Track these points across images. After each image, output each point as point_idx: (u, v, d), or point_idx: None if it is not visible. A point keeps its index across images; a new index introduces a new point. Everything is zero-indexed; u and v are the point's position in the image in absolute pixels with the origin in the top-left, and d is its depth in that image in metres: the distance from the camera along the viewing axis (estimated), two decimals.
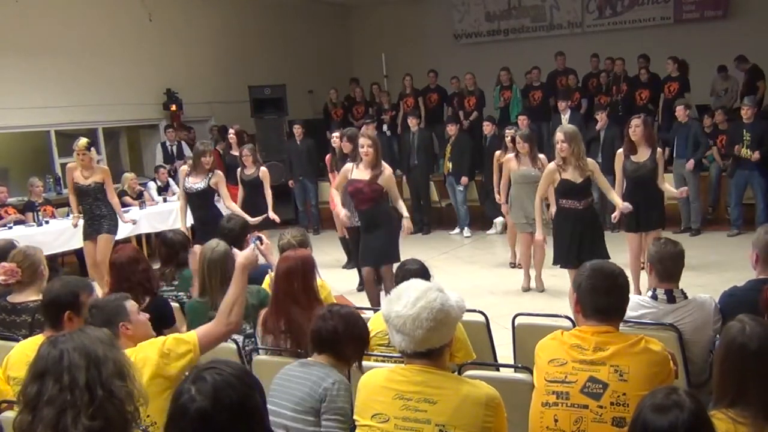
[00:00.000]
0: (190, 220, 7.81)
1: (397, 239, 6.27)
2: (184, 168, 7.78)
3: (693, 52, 11.84)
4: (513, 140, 7.70)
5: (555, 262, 6.43)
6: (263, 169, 8.30)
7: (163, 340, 2.87)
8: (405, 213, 6.35)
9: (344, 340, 2.94)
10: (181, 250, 5.11)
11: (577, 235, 6.11)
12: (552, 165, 6.24)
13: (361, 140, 6.21)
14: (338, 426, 2.78)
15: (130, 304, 3.08)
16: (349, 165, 6.40)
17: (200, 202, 7.42)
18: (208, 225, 6.84)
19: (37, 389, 2.00)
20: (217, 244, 4.19)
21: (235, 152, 9.18)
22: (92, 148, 7.51)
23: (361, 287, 7.45)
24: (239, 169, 8.48)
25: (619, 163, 6.60)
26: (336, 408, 2.78)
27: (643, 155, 6.47)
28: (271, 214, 8.03)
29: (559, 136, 6.09)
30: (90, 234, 7.52)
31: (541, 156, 7.52)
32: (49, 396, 1.97)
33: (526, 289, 7.56)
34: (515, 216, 7.58)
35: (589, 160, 6.25)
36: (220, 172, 7.55)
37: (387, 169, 6.27)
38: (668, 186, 6.71)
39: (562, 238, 6.28)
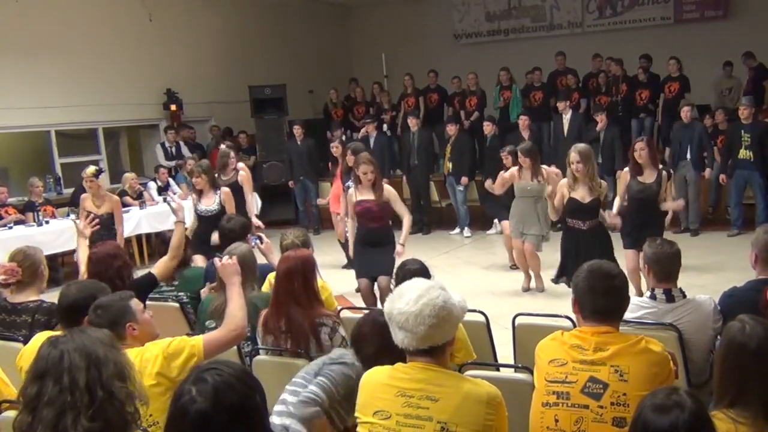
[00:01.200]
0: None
1: (393, 257, 6.32)
2: (193, 196, 7.40)
3: (693, 52, 11.84)
4: (513, 154, 7.60)
5: (557, 280, 6.52)
6: (242, 173, 8.12)
7: (169, 342, 2.88)
8: (405, 231, 6.40)
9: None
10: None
11: (580, 255, 6.05)
12: (564, 180, 6.33)
13: (362, 167, 6.26)
14: (324, 384, 2.92)
15: (135, 303, 3.07)
16: (351, 190, 6.54)
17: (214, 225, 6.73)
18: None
19: (37, 390, 2.00)
20: (236, 246, 4.19)
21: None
22: (100, 176, 7.50)
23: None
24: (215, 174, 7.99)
25: (624, 181, 6.54)
26: (332, 371, 2.97)
27: (649, 177, 6.39)
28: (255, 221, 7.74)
29: (574, 156, 6.11)
30: None
31: (544, 167, 7.43)
32: (49, 397, 1.97)
33: (526, 289, 7.57)
34: (512, 226, 7.56)
35: (603, 182, 6.32)
36: (227, 189, 7.18)
37: (386, 185, 6.46)
38: (669, 202, 6.64)
39: (565, 256, 6.35)
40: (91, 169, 7.44)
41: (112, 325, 2.75)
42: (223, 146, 8.60)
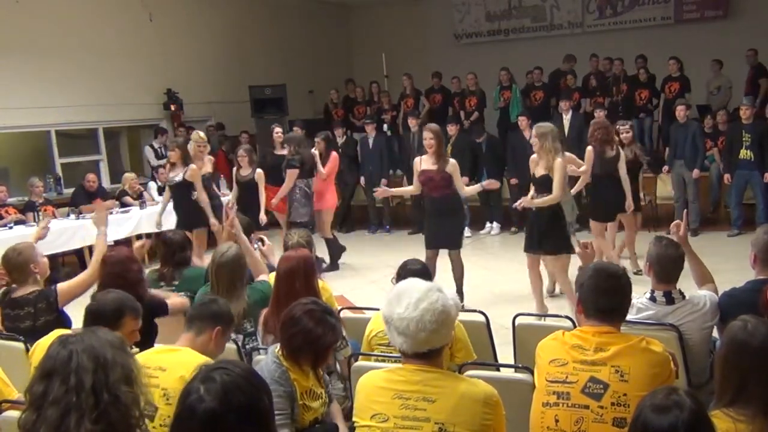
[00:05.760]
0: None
1: (463, 228, 6.84)
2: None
3: (693, 52, 11.84)
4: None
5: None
6: (259, 170, 8.28)
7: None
8: (472, 188, 7.13)
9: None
10: (179, 250, 5.11)
11: (531, 225, 6.45)
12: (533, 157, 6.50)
13: (425, 134, 6.65)
14: None
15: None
16: (417, 159, 6.89)
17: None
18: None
19: (43, 388, 2.00)
20: (228, 248, 4.20)
21: (279, 152, 8.97)
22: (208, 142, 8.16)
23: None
24: (234, 169, 8.48)
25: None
26: None
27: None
28: (262, 216, 8.11)
29: (533, 132, 6.47)
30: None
31: (567, 154, 7.10)
32: (55, 396, 1.97)
33: (551, 291, 7.17)
34: None
35: (557, 161, 6.20)
36: (194, 167, 7.71)
37: (451, 159, 6.80)
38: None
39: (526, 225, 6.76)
40: (202, 133, 8.14)
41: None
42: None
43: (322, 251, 8.84)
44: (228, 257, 4.10)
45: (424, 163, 6.69)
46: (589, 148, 7.38)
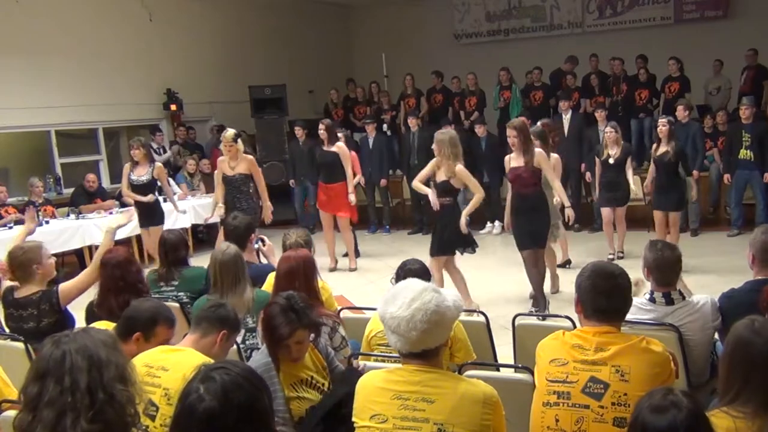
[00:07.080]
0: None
1: (548, 227, 6.72)
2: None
3: (693, 52, 11.83)
4: (539, 135, 7.22)
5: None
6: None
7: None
8: (565, 199, 6.79)
9: None
10: (171, 250, 5.09)
11: (436, 228, 6.66)
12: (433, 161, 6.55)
13: (508, 131, 6.56)
14: None
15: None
16: (507, 156, 6.75)
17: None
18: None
19: (38, 390, 1.99)
20: (227, 247, 4.22)
21: (327, 148, 8.82)
22: (239, 140, 7.89)
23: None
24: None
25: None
26: None
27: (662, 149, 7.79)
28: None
29: (435, 137, 6.48)
30: None
31: (538, 150, 6.55)
32: (50, 397, 1.96)
33: (555, 291, 7.32)
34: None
35: (458, 167, 6.29)
36: (160, 164, 8.44)
37: (538, 150, 6.57)
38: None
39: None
40: (231, 133, 7.82)
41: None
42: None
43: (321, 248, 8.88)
44: (229, 254, 4.13)
45: (513, 161, 6.56)
46: (555, 155, 7.40)
